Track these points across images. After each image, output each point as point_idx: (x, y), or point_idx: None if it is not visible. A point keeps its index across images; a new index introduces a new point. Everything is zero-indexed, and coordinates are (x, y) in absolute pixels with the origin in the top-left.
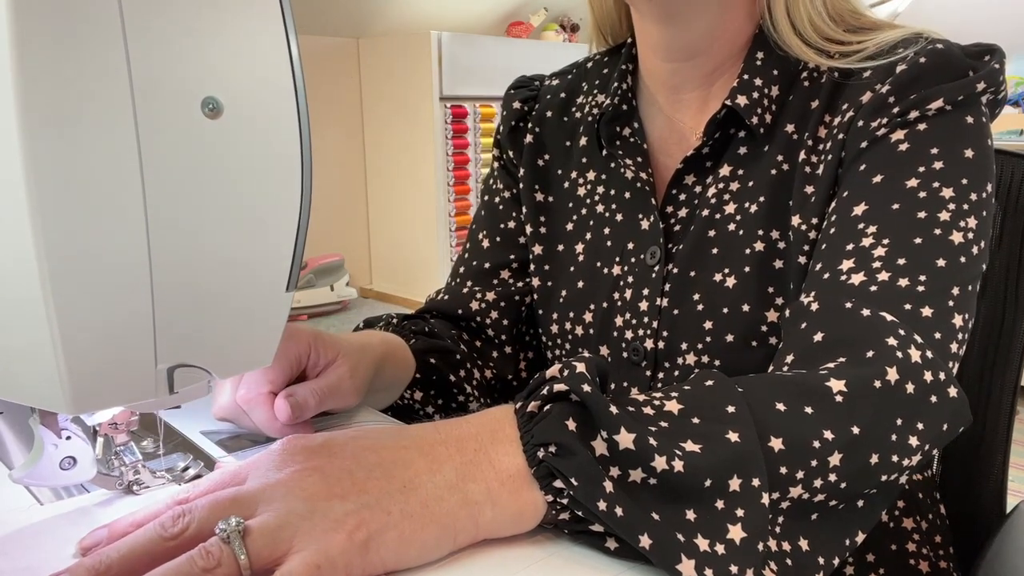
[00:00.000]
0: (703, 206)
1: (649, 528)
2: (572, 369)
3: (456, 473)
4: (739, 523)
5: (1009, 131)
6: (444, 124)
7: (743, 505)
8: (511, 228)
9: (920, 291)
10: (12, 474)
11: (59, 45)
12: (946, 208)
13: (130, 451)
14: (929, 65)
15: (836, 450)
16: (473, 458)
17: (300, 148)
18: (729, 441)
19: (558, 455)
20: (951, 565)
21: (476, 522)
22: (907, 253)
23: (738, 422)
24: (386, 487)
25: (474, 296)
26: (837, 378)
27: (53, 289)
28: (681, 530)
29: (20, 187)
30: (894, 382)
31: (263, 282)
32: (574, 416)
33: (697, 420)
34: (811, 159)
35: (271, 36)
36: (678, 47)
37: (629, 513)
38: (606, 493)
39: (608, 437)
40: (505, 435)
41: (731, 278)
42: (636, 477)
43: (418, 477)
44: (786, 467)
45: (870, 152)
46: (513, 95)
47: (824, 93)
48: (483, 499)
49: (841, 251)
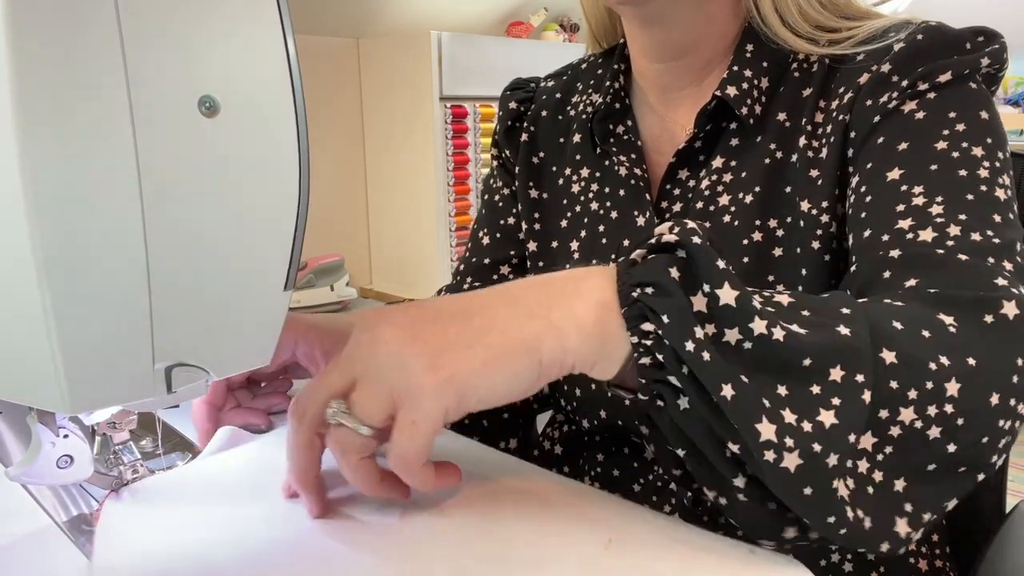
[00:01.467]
0: (697, 199)
1: (735, 382)
2: (684, 225)
3: (539, 303)
4: (833, 410)
5: (1009, 131)
6: (444, 124)
7: (841, 395)
8: (511, 224)
9: (995, 243)
10: (9, 472)
11: (55, 43)
12: (982, 166)
13: (128, 450)
14: (928, 41)
15: (954, 378)
16: (561, 288)
17: (298, 147)
18: (839, 333)
19: (654, 295)
20: (948, 564)
21: (562, 345)
22: (966, 210)
23: (852, 321)
24: (467, 327)
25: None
26: (947, 312)
27: (50, 288)
28: (769, 398)
29: (16, 186)
30: (1013, 317)
31: (261, 281)
32: (679, 267)
33: (808, 312)
34: (812, 144)
35: (268, 34)
36: (664, 48)
37: (716, 361)
38: (696, 337)
39: (710, 291)
40: (600, 272)
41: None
42: (731, 338)
43: (498, 313)
44: (898, 383)
45: (885, 124)
46: (509, 96)
47: (816, 80)
48: (568, 324)
49: (892, 213)
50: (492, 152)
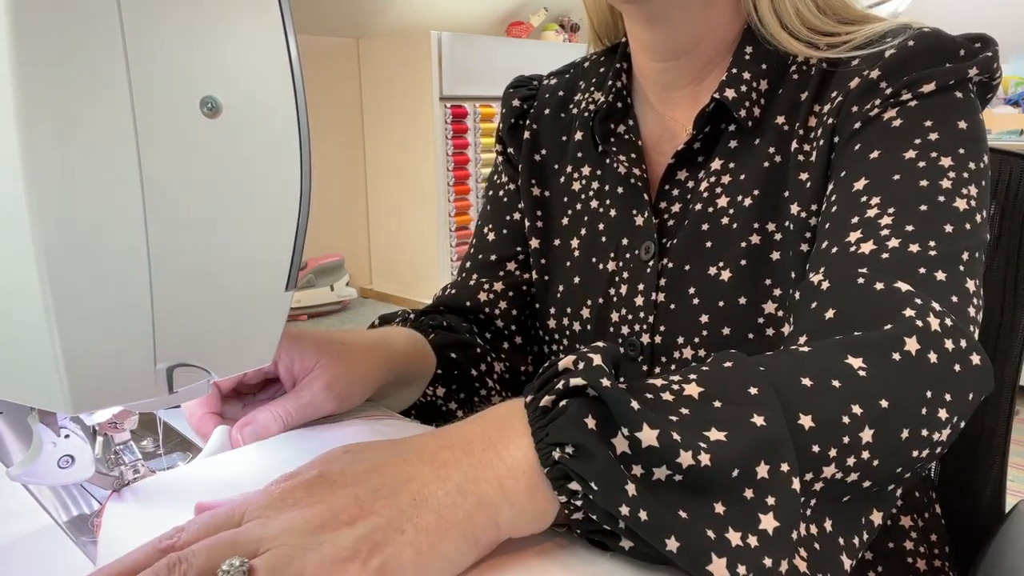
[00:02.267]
0: (696, 200)
1: (676, 529)
2: (588, 361)
3: (466, 476)
4: (771, 511)
5: (1009, 131)
6: (444, 124)
7: (773, 492)
8: (516, 220)
9: (932, 255)
10: (10, 471)
11: (58, 44)
12: (947, 176)
13: (130, 450)
14: (919, 48)
15: (867, 425)
16: (482, 458)
17: (299, 147)
18: (755, 425)
19: (576, 456)
20: (946, 564)
21: (496, 522)
22: (914, 220)
23: (762, 404)
24: (395, 505)
25: (482, 287)
26: (855, 355)
27: (52, 289)
28: (711, 525)
29: (18, 186)
30: (915, 352)
31: (262, 281)
32: (593, 413)
33: (719, 404)
34: (803, 147)
35: (270, 35)
36: (665, 47)
37: (654, 515)
38: (629, 497)
39: (630, 435)
40: (516, 430)
41: (726, 271)
42: (661, 475)
43: (427, 487)
44: (818, 445)
45: (863, 132)
46: (512, 93)
47: (813, 84)
48: (499, 499)
49: (847, 225)
50: (496, 148)
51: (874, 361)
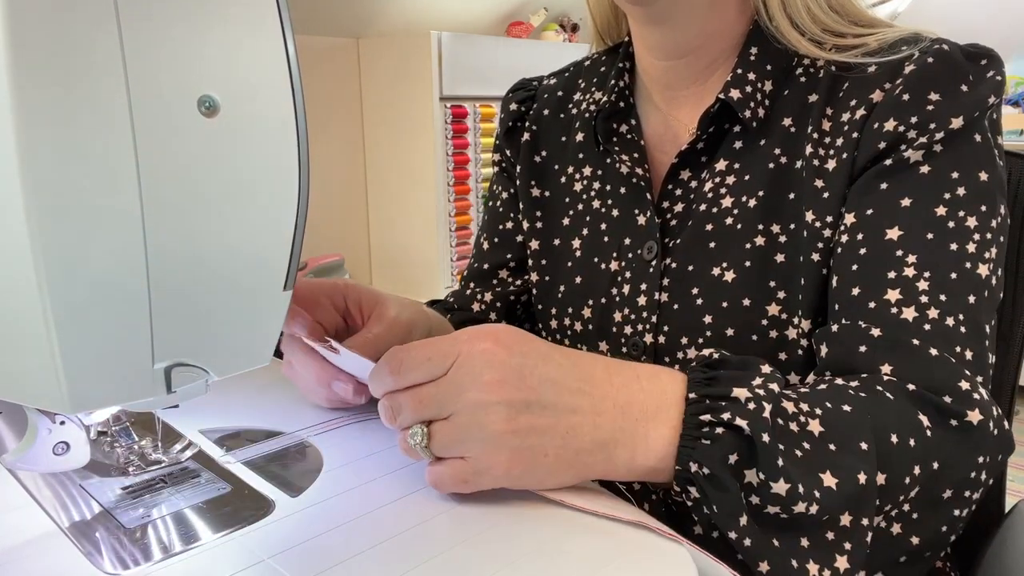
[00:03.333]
0: (699, 200)
1: (770, 556)
2: (760, 407)
3: (611, 437)
4: (846, 555)
5: (1009, 131)
6: (444, 124)
7: (851, 540)
8: (509, 228)
9: (962, 332)
10: (4, 459)
11: (54, 43)
12: (972, 239)
13: (126, 433)
14: (938, 66)
15: (919, 484)
16: (632, 428)
17: (297, 146)
18: (858, 481)
19: (709, 480)
20: (948, 564)
21: (604, 473)
22: (947, 290)
23: (867, 462)
24: (554, 426)
25: (475, 298)
26: (924, 413)
27: (50, 289)
28: (796, 556)
29: (16, 186)
30: (977, 423)
31: (261, 281)
32: (739, 452)
33: (834, 447)
34: (819, 152)
35: (268, 34)
36: (670, 46)
37: (756, 542)
38: (740, 526)
39: (764, 480)
40: (668, 417)
41: (730, 272)
42: (772, 511)
43: (581, 427)
44: (880, 500)
45: (892, 173)
46: (510, 97)
47: (823, 87)
48: (623, 464)
49: (883, 279)
50: (494, 158)
51: (939, 422)
